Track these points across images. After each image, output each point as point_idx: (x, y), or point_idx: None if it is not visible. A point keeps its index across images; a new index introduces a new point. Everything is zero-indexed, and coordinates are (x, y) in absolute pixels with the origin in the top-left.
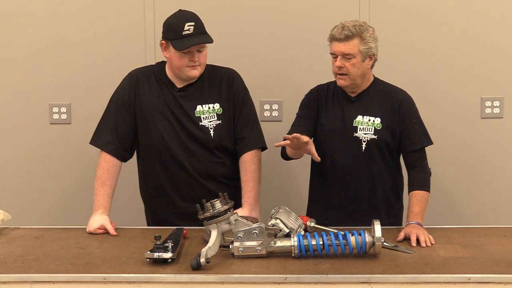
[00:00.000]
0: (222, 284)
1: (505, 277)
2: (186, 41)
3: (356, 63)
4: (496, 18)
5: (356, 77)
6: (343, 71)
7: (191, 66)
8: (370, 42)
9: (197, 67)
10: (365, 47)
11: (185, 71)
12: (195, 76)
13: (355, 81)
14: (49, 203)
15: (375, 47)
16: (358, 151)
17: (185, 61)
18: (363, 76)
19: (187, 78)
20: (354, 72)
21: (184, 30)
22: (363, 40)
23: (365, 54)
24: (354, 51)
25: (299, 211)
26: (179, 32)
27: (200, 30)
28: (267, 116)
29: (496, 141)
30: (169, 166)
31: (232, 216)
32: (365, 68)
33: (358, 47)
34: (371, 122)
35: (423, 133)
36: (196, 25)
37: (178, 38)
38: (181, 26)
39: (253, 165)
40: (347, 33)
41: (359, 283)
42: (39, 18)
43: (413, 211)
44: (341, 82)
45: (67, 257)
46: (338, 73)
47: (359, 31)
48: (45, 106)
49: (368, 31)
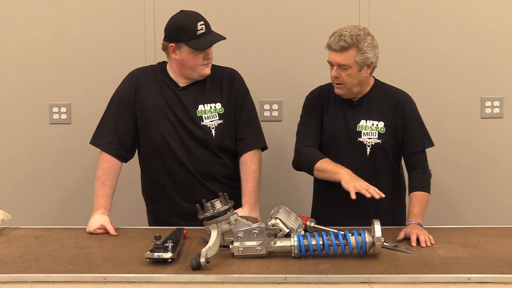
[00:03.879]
0: (222, 284)
1: (505, 277)
2: (205, 40)
3: (352, 73)
4: (496, 18)
5: (352, 86)
6: (339, 81)
7: (205, 64)
8: (367, 52)
9: (209, 65)
10: (361, 57)
11: (199, 70)
12: (208, 73)
13: (351, 90)
14: (49, 203)
15: (373, 56)
16: (363, 156)
17: (199, 60)
18: (360, 84)
19: (200, 77)
20: (350, 82)
21: (198, 30)
22: (359, 50)
23: (362, 64)
24: (350, 62)
25: (299, 211)
26: (193, 32)
27: (209, 27)
28: (267, 116)
29: (496, 141)
30: (170, 166)
31: (232, 216)
32: (362, 77)
33: (354, 58)
34: (374, 127)
35: (424, 135)
36: (206, 23)
37: (194, 38)
38: (194, 26)
39: (253, 165)
40: (343, 45)
41: (359, 283)
42: (39, 18)
43: (413, 212)
44: (338, 91)
45: (67, 257)
46: (335, 83)
47: (356, 42)
48: (45, 106)
49: (366, 41)
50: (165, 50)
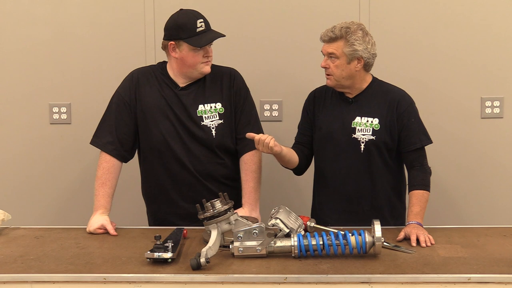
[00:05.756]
0: (222, 284)
1: (505, 277)
2: (204, 37)
3: (339, 64)
4: (496, 18)
5: (340, 79)
6: (328, 72)
7: (205, 62)
8: (356, 45)
9: (209, 62)
10: (349, 49)
11: (199, 68)
12: (208, 71)
13: (340, 82)
14: (49, 203)
15: (363, 50)
16: (357, 152)
17: (199, 58)
18: (349, 78)
19: (200, 75)
20: (338, 73)
21: (198, 27)
22: (347, 42)
23: (350, 56)
24: (338, 52)
25: (299, 211)
26: (193, 30)
27: (209, 25)
28: (267, 116)
29: (496, 141)
30: (170, 166)
31: (232, 216)
32: (351, 70)
33: (342, 49)
34: (369, 123)
35: (422, 132)
36: (205, 21)
37: (193, 35)
38: (194, 23)
39: (253, 165)
40: (331, 35)
41: (359, 283)
42: (39, 18)
43: (413, 211)
44: (327, 82)
45: (67, 257)
46: (325, 73)
47: (344, 33)
48: (45, 106)
49: (356, 34)
50: (165, 49)
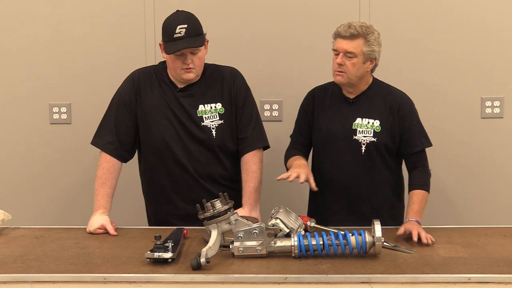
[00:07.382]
0: (222, 284)
1: (505, 277)
2: (175, 45)
3: (356, 63)
4: (496, 18)
5: (353, 77)
6: (343, 69)
7: (185, 69)
8: (374, 45)
9: (192, 70)
10: (368, 49)
11: (180, 74)
12: (190, 79)
13: (351, 81)
14: (49, 203)
15: (377, 52)
16: (358, 154)
17: (178, 64)
18: (361, 77)
19: (183, 81)
20: (353, 71)
21: (176, 33)
22: (367, 41)
23: (367, 56)
24: (357, 50)
25: (299, 211)
26: (171, 34)
27: (192, 33)
28: (267, 116)
29: (496, 141)
30: (170, 167)
31: (232, 216)
32: (364, 70)
33: (362, 48)
34: (370, 125)
35: (422, 134)
36: (189, 28)
37: (170, 40)
38: (173, 28)
39: (254, 165)
40: (353, 32)
41: (359, 283)
42: (39, 18)
43: (413, 209)
44: (338, 78)
45: (67, 257)
46: (337, 70)
47: (365, 32)
48: (45, 106)
49: (374, 34)
50: None
